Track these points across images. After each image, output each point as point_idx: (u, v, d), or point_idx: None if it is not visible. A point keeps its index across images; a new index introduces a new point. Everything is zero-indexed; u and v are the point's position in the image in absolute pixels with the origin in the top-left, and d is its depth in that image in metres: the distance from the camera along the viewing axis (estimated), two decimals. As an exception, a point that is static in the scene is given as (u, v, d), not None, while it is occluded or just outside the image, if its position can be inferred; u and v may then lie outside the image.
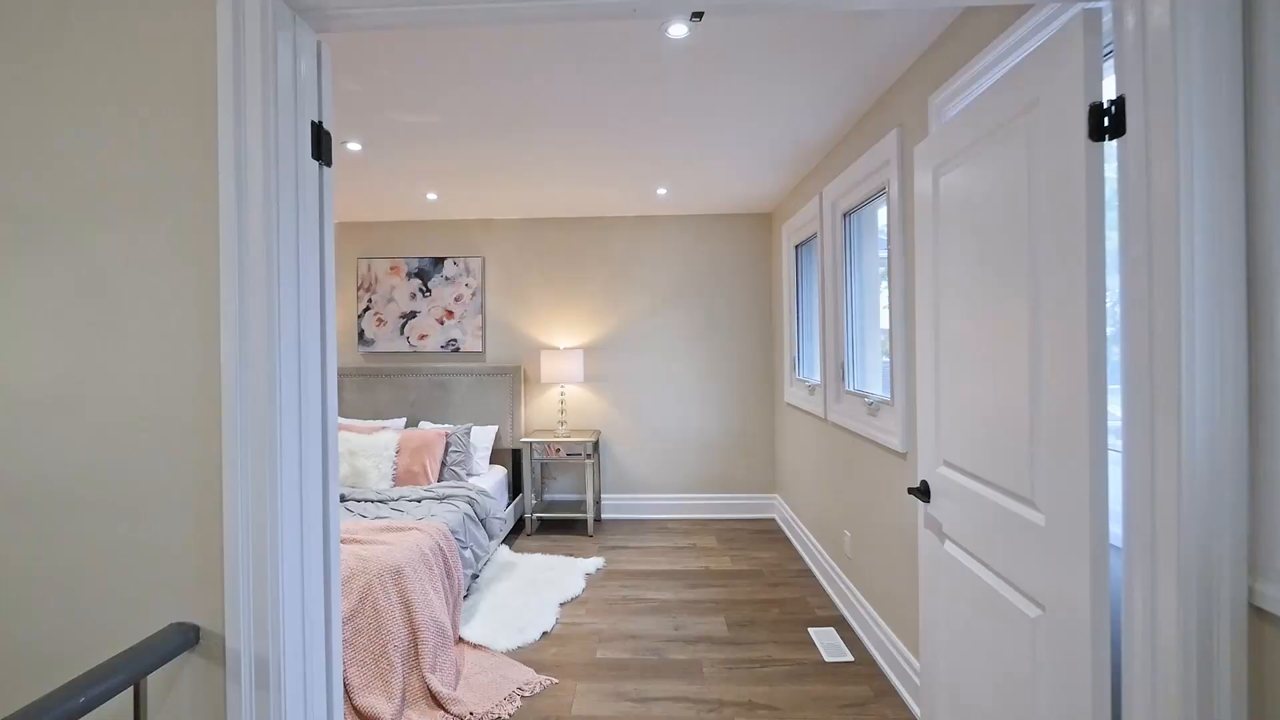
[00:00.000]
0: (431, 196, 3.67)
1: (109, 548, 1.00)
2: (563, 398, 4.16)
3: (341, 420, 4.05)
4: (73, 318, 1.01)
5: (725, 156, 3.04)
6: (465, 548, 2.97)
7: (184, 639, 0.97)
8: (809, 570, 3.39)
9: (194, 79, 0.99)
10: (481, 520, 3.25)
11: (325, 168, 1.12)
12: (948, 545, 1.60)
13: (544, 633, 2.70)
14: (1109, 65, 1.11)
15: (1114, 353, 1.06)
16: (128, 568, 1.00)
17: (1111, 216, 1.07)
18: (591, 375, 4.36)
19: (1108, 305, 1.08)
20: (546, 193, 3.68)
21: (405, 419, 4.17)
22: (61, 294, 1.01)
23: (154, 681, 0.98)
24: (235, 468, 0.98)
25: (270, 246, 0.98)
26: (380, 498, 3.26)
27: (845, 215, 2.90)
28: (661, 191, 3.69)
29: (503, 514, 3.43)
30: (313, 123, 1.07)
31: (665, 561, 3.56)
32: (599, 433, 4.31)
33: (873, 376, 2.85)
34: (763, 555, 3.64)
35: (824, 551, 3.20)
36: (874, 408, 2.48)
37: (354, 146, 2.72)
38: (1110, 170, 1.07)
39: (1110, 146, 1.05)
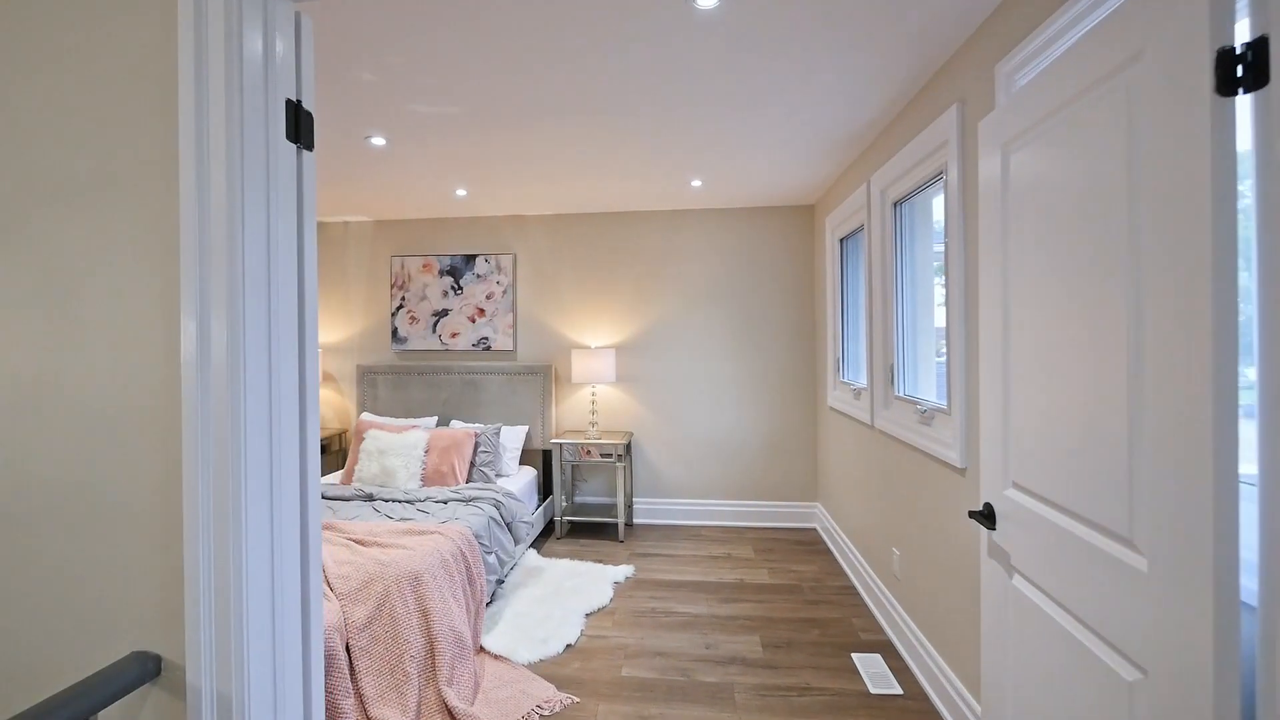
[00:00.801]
0: (461, 193, 3.61)
1: (70, 565, 0.92)
2: (594, 398, 4.04)
3: (374, 418, 4.05)
4: (29, 317, 0.94)
5: (763, 143, 2.84)
6: (490, 553, 2.89)
7: (144, 670, 0.88)
8: (852, 587, 3.16)
9: (157, 54, 0.90)
10: (507, 524, 3.16)
11: (305, 151, 1.01)
12: (1017, 580, 1.38)
13: (568, 645, 2.59)
14: (1240, 2, 0.88)
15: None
16: (89, 588, 0.92)
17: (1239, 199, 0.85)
18: (623, 375, 4.23)
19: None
20: (577, 187, 3.56)
21: (436, 418, 4.15)
22: (17, 292, 0.94)
23: (111, 716, 0.89)
24: (195, 480, 0.88)
25: (234, 236, 0.88)
26: (407, 498, 3.22)
27: (896, 204, 2.66)
28: (696, 183, 3.51)
29: (530, 518, 3.34)
30: (289, 101, 0.97)
31: (698, 572, 3.39)
32: (631, 434, 4.18)
33: (925, 381, 2.60)
34: (802, 568, 3.42)
35: (869, 568, 2.96)
36: (927, 416, 2.25)
37: (378, 141, 2.67)
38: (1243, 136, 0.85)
39: (1244, 102, 0.83)
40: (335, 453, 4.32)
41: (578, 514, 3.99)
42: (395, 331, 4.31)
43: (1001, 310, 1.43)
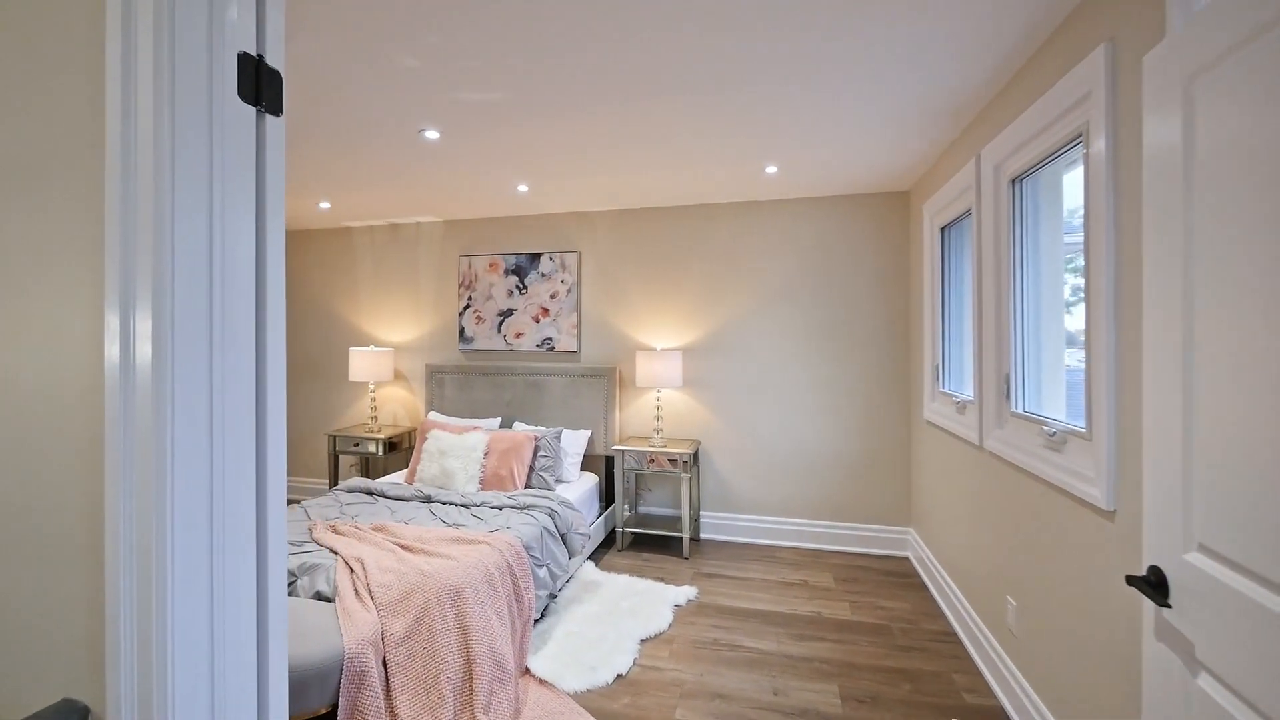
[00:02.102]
0: (522, 188, 3.50)
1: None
2: (659, 403, 3.80)
3: (440, 418, 4.06)
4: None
5: (848, 120, 2.47)
6: (541, 565, 2.73)
7: (67, 724, 0.75)
8: (953, 633, 2.70)
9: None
10: (562, 535, 3.00)
11: (268, 116, 0.85)
12: (1204, 681, 0.99)
13: (618, 675, 2.36)
14: None
15: None
16: (18, 623, 0.80)
17: None
18: (691, 379, 3.96)
19: None
20: (640, 179, 3.34)
21: (500, 419, 4.09)
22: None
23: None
24: (116, 505, 0.73)
25: (161, 213, 0.72)
26: (464, 501, 3.14)
27: (1014, 181, 2.20)
28: (771, 170, 3.18)
29: (586, 529, 3.16)
30: (241, 55, 0.81)
31: (768, 599, 3.06)
32: (698, 443, 3.90)
33: (1051, 396, 2.13)
34: (892, 605, 2.99)
35: (974, 614, 2.50)
36: (1057, 440, 1.81)
37: (431, 134, 2.59)
38: None
39: None
40: (405, 450, 4.39)
41: (640, 526, 3.77)
42: (462, 331, 4.31)
43: (1181, 313, 1.03)
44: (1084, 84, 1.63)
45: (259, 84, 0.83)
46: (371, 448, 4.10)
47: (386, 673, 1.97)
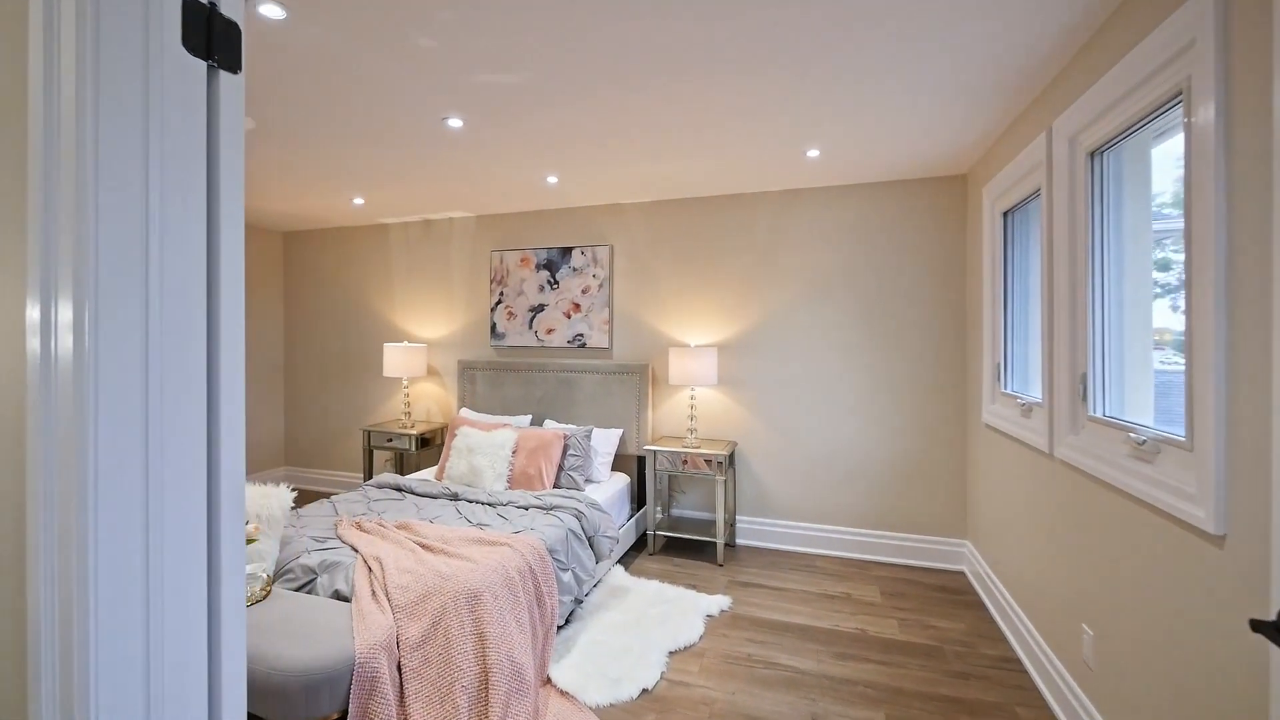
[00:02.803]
0: (551, 180, 3.40)
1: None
2: (693, 401, 3.64)
3: (471, 415, 4.03)
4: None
5: (899, 94, 2.25)
6: (565, 569, 2.63)
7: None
8: (1015, 659, 2.44)
9: (15, -56, 0.68)
10: (589, 538, 2.88)
11: (223, 72, 0.75)
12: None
13: (644, 690, 2.23)
14: None
15: None
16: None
17: None
18: (726, 377, 3.78)
19: None
20: (673, 169, 3.19)
21: (531, 416, 4.02)
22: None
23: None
24: (37, 514, 0.65)
25: (84, 183, 0.63)
26: (490, 500, 3.07)
27: (1093, 155, 1.94)
28: (813, 154, 2.97)
29: (615, 532, 3.04)
30: (188, 1, 0.71)
31: (808, 613, 2.86)
32: (734, 444, 3.72)
33: (1136, 399, 1.86)
34: (945, 625, 2.74)
35: (1041, 640, 2.24)
36: (1147, 449, 1.56)
37: (455, 123, 2.51)
38: None
39: None
40: (438, 447, 4.38)
41: (673, 529, 3.62)
42: (494, 327, 4.26)
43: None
44: (1185, 31, 1.38)
45: (210, 35, 0.73)
46: (404, 444, 4.10)
47: (401, 678, 1.90)
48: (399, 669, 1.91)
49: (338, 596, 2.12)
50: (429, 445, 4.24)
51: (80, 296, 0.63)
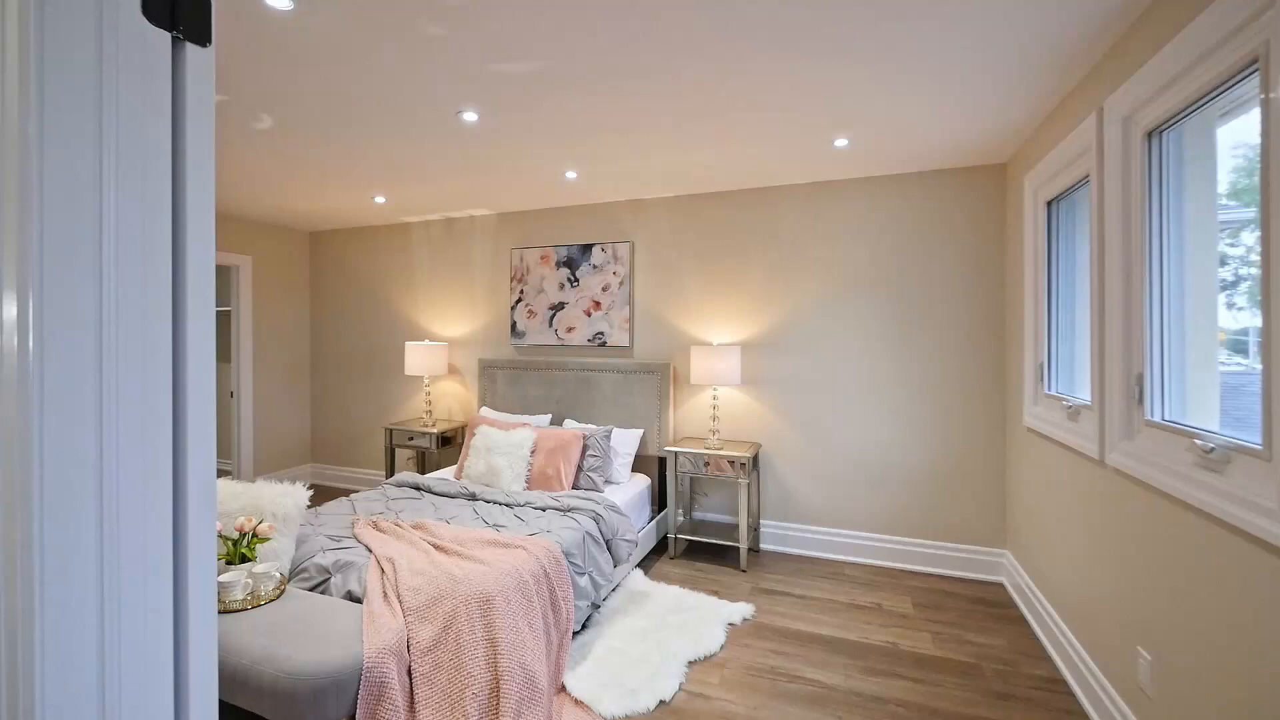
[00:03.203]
0: (570, 175, 3.34)
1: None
2: (715, 402, 3.54)
3: (491, 414, 4.00)
4: None
5: (935, 76, 2.11)
6: (582, 574, 2.56)
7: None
8: (1061, 681, 2.27)
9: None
10: (606, 541, 2.81)
11: (190, 45, 0.70)
12: None
13: (661, 701, 2.15)
14: None
15: None
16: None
17: None
18: (751, 377, 3.66)
19: None
20: (697, 161, 3.09)
21: (550, 416, 3.97)
22: None
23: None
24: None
25: (28, 166, 0.58)
26: (508, 500, 3.03)
27: (1150, 136, 1.78)
28: (841, 143, 2.83)
29: (634, 535, 2.96)
30: (147, -35, 0.65)
31: (835, 623, 2.73)
32: (759, 446, 3.60)
33: (1200, 402, 1.69)
34: (983, 640, 2.59)
35: (1090, 661, 2.08)
36: (1216, 458, 1.40)
37: (470, 116, 2.46)
38: None
39: None
40: (459, 445, 4.37)
41: (695, 533, 3.52)
42: (514, 326, 4.23)
43: None
44: (1265, -9, 1.23)
45: (175, 3, 0.68)
46: (425, 442, 4.10)
47: (411, 683, 1.86)
48: (409, 674, 1.87)
49: (350, 597, 2.09)
50: (450, 444, 4.23)
51: (23, 290, 0.58)
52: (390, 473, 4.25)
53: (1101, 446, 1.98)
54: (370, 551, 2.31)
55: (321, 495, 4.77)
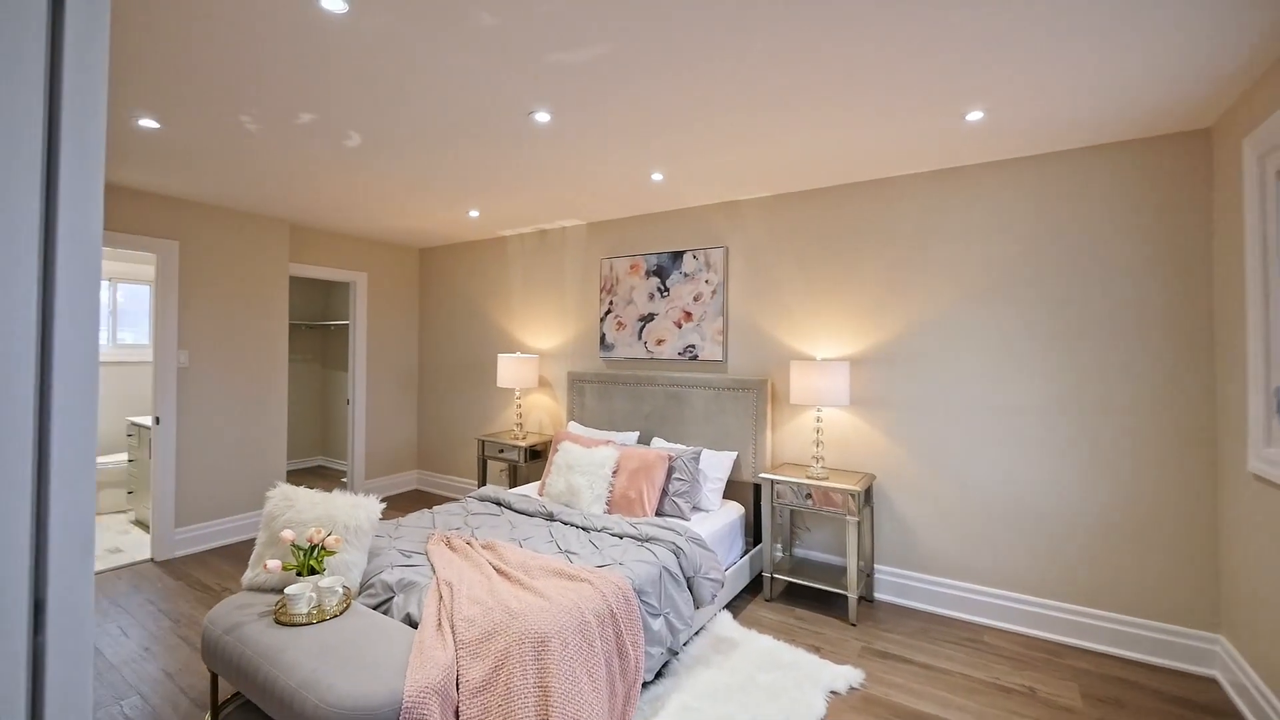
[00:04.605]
0: (657, 177, 3.13)
1: None
2: (819, 424, 3.10)
3: (578, 429, 3.87)
4: None
5: (1099, 12, 1.61)
6: (657, 615, 2.27)
7: None
8: (1328, 846, 1.58)
9: None
10: (687, 579, 2.50)
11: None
12: None
13: (741, 784, 1.79)
14: None
15: None
16: None
17: None
18: (862, 397, 3.18)
19: None
20: (797, 154, 2.73)
21: (638, 433, 3.75)
22: None
23: None
24: None
25: None
26: (585, 524, 2.83)
27: None
28: (974, 116, 2.34)
29: (720, 574, 2.62)
30: None
31: (971, 708, 2.19)
32: (872, 478, 3.10)
33: None
34: (1188, 760, 1.91)
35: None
36: None
37: (542, 116, 2.33)
38: None
39: None
40: (546, 460, 4.29)
41: (795, 574, 3.09)
42: (603, 338, 4.08)
43: None
44: None
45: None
46: (514, 455, 4.06)
47: (458, 727, 1.69)
48: (457, 715, 1.70)
49: (409, 620, 1.99)
50: (539, 458, 4.17)
51: None
52: (482, 483, 4.26)
53: (1406, 512, 1.33)
54: (434, 572, 2.21)
55: (424, 501, 4.94)
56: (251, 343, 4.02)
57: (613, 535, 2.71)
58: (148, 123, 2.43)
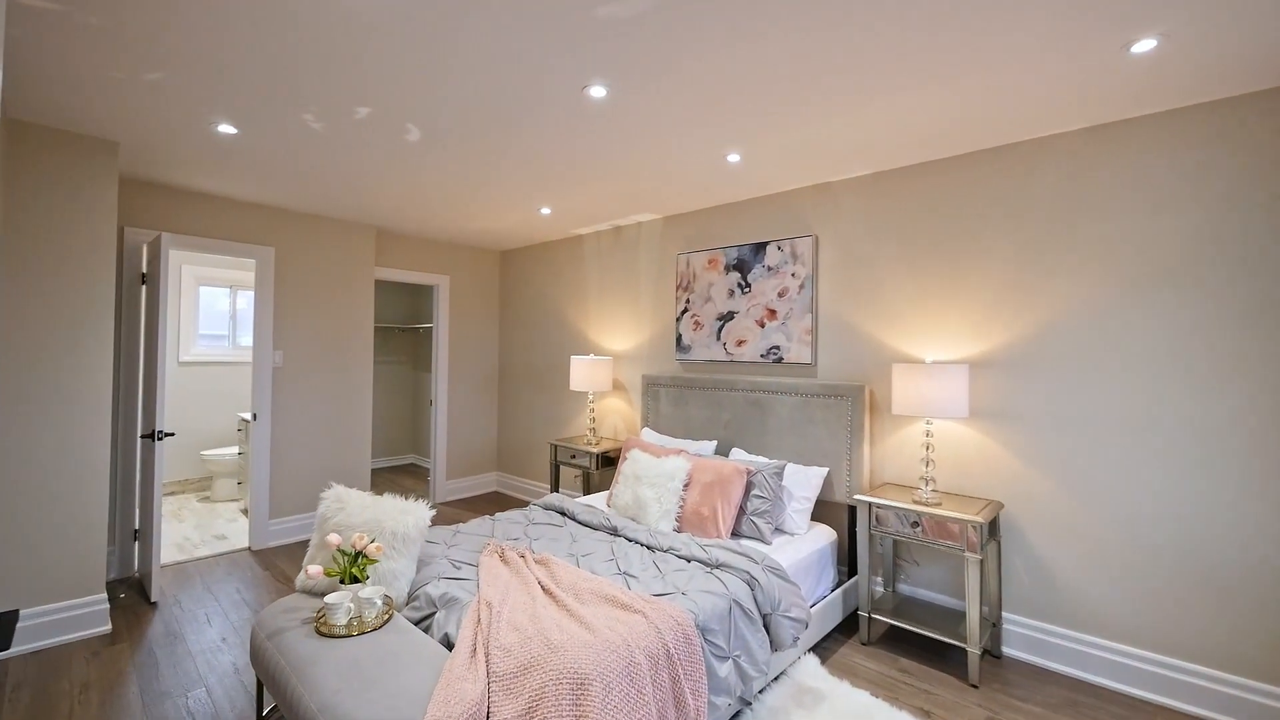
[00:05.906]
0: (733, 158, 2.80)
1: None
2: (929, 439, 2.61)
3: (653, 436, 3.62)
4: None
5: None
6: (724, 658, 1.95)
7: None
8: None
9: None
10: (764, 616, 2.15)
11: None
12: None
13: None
14: None
15: None
16: None
17: None
18: (983, 408, 2.64)
19: None
20: (898, 123, 2.30)
21: (716, 442, 3.42)
22: None
23: None
24: None
25: None
26: (650, 542, 2.56)
27: None
28: (1142, 48, 1.80)
29: (805, 612, 2.23)
30: None
31: (1143, 822, 1.65)
32: (999, 506, 2.55)
33: None
34: None
35: None
36: None
37: (597, 90, 2.10)
38: None
39: None
40: (621, 469, 4.07)
41: (899, 615, 2.62)
42: (679, 339, 3.80)
43: None
44: None
45: None
46: (585, 461, 3.88)
47: (486, 774, 1.48)
48: (485, 760, 1.49)
49: (445, 641, 1.82)
50: (612, 465, 3.96)
51: None
52: (555, 489, 4.13)
53: None
54: (477, 589, 2.03)
55: (502, 503, 4.91)
56: (340, 344, 4.18)
57: (679, 557, 2.41)
58: (226, 128, 2.51)
